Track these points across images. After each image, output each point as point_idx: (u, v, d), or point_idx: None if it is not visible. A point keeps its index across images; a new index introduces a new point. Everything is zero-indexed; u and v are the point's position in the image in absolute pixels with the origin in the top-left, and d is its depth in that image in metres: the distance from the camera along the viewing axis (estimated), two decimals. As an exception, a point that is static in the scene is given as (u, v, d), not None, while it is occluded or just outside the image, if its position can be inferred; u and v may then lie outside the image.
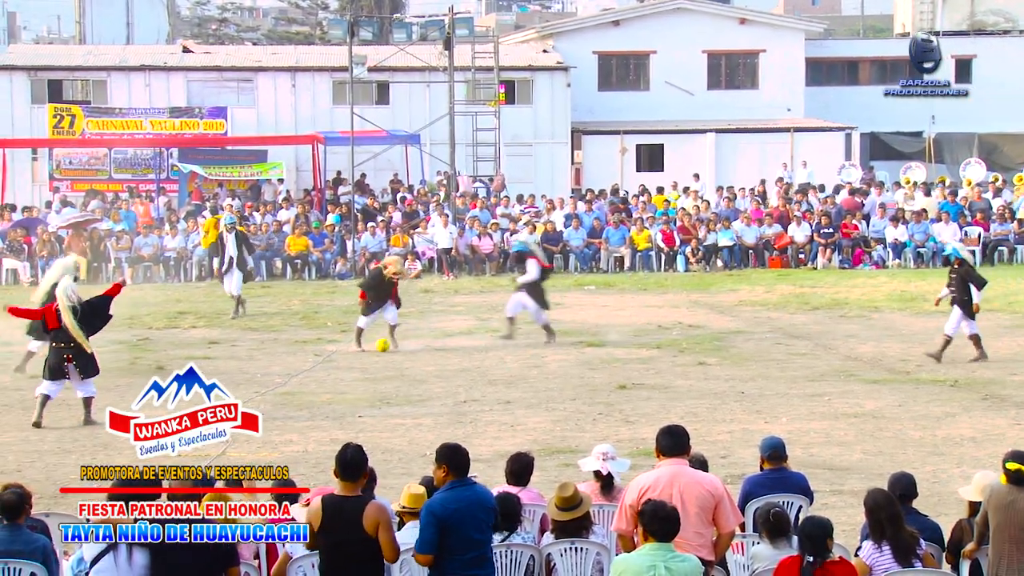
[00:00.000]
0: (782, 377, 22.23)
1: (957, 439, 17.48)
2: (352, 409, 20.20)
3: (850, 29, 76.72)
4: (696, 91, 51.57)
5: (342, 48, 45.40)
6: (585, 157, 49.67)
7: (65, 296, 19.43)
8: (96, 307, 19.88)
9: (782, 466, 11.86)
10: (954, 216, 40.12)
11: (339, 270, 38.40)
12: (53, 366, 19.48)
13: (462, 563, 9.43)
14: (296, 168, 46.80)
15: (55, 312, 19.43)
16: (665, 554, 8.78)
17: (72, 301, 19.38)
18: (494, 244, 39.26)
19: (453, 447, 9.74)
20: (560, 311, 30.50)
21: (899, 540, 9.92)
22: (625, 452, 12.32)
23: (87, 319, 19.57)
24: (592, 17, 59.22)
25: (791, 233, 39.84)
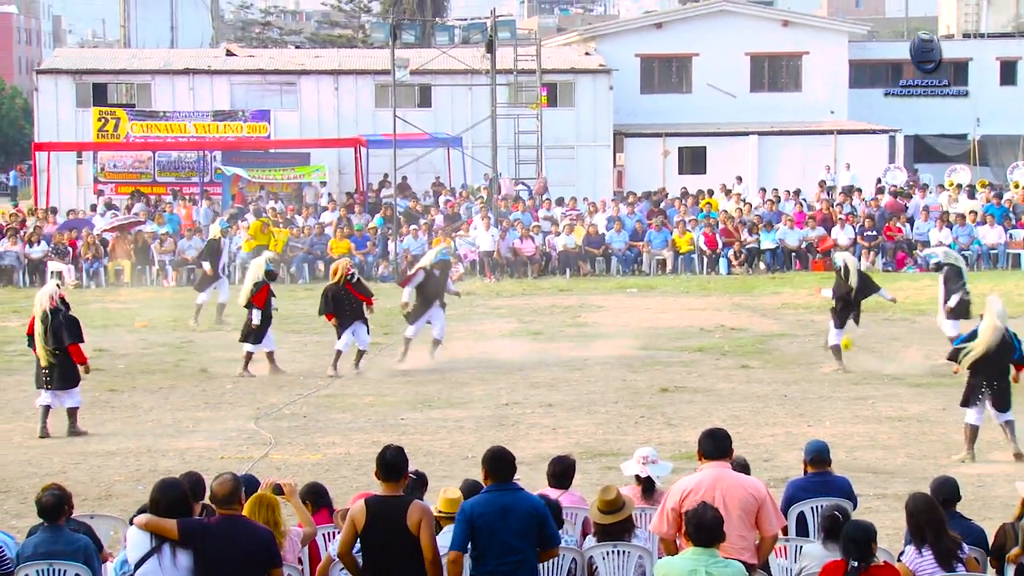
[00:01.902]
0: (825, 380, 22.22)
1: (1001, 443, 17.32)
2: (394, 411, 20.26)
3: (894, 31, 76.43)
4: (739, 93, 51.54)
5: (384, 51, 45.49)
6: (627, 160, 49.66)
7: (40, 302, 18.81)
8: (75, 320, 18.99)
9: (826, 470, 11.83)
10: (999, 219, 39.97)
11: (381, 273, 38.46)
12: (36, 375, 18.99)
13: (496, 567, 9.42)
14: (339, 171, 47.02)
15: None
16: (708, 559, 8.77)
17: (45, 307, 18.61)
18: (536, 247, 39.28)
19: (493, 452, 9.72)
20: (601, 314, 30.82)
21: (940, 545, 9.84)
22: (667, 455, 12.35)
23: (70, 326, 18.76)
24: (634, 19, 59.37)
25: (834, 236, 39.73)
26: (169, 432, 19.07)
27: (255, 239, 38.53)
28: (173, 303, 33.62)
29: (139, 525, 9.30)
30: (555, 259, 39.32)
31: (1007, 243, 39.38)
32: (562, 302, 33.11)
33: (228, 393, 21.92)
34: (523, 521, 9.45)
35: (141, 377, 23.46)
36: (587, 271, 39.01)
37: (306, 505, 11.24)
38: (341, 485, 15.16)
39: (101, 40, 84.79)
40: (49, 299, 18.63)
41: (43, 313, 18.56)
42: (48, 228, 39.80)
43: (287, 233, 39.27)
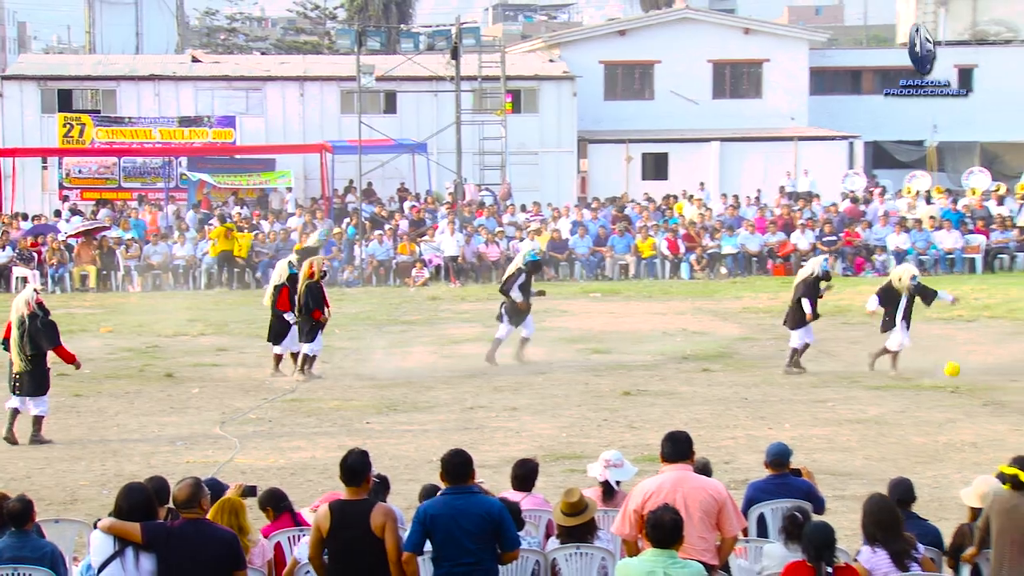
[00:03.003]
0: (786, 383, 22.43)
1: (959, 444, 17.62)
2: (360, 415, 20.30)
3: (853, 39, 76.81)
4: (701, 100, 51.79)
5: (350, 58, 45.67)
6: (591, 165, 49.90)
7: (16, 307, 18.62)
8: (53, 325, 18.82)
9: (786, 472, 11.89)
10: (956, 224, 40.50)
11: (347, 278, 38.72)
12: (8, 379, 18.85)
13: (451, 569, 9.52)
14: (304, 176, 47.18)
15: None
16: (666, 560, 8.86)
17: (22, 312, 18.42)
18: (500, 252, 39.59)
19: (449, 454, 9.83)
20: (566, 318, 30.88)
21: (895, 545, 9.97)
22: (630, 458, 12.14)
23: (47, 330, 18.59)
24: (598, 27, 59.58)
25: (794, 241, 40.19)
26: (134, 437, 19.06)
27: (219, 244, 38.86)
28: (139, 309, 33.90)
29: (103, 529, 9.34)
30: (532, 266, 39.74)
31: (963, 248, 39.91)
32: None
33: (194, 398, 21.96)
34: (477, 523, 9.52)
35: (107, 382, 23.43)
36: (551, 276, 39.20)
37: (267, 511, 11.37)
38: (307, 489, 15.22)
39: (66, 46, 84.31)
40: (26, 304, 18.50)
41: (20, 318, 18.43)
42: (14, 234, 39.85)
43: (250, 237, 39.52)
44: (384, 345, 27.30)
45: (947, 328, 27.99)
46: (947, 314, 28.76)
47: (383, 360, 25.42)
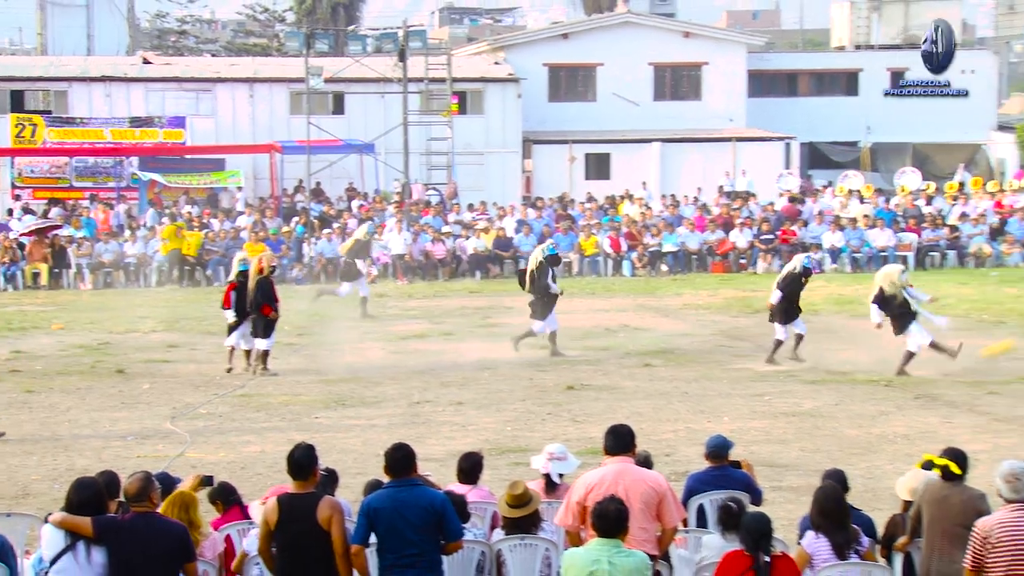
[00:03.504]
0: (724, 378, 22.84)
1: (891, 436, 17.98)
2: (308, 410, 20.46)
3: (789, 43, 77.50)
4: (642, 102, 52.17)
5: (299, 60, 45.92)
6: (535, 165, 50.24)
7: None
8: None
9: (725, 464, 12.05)
10: (888, 223, 41.23)
11: (296, 276, 39.06)
12: None
13: (396, 560, 9.63)
14: (254, 176, 47.36)
15: None
16: (611, 550, 8.97)
17: None
18: (447, 250, 40.09)
19: (391, 448, 9.94)
20: (511, 315, 30.78)
21: (840, 535, 10.18)
22: (573, 451, 12.41)
23: None
24: (542, 30, 59.47)
25: (733, 239, 40.82)
26: (86, 432, 19.10)
27: (170, 242, 39.27)
28: (91, 306, 33.91)
29: (54, 523, 9.35)
30: (465, 262, 40.18)
31: (896, 246, 40.45)
32: (472, 303, 33.60)
33: (145, 393, 22.02)
34: (420, 515, 9.62)
35: (58, 378, 23.44)
36: (496, 273, 39.69)
37: (216, 504, 11.50)
38: (256, 483, 15.30)
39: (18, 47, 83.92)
40: None
41: None
42: (-33, 232, 40.03)
43: (199, 236, 39.90)
44: (332, 341, 27.56)
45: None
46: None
47: (332, 356, 25.65)
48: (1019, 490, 9.19)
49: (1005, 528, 9.10)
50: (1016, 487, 9.19)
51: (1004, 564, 9.04)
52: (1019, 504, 9.18)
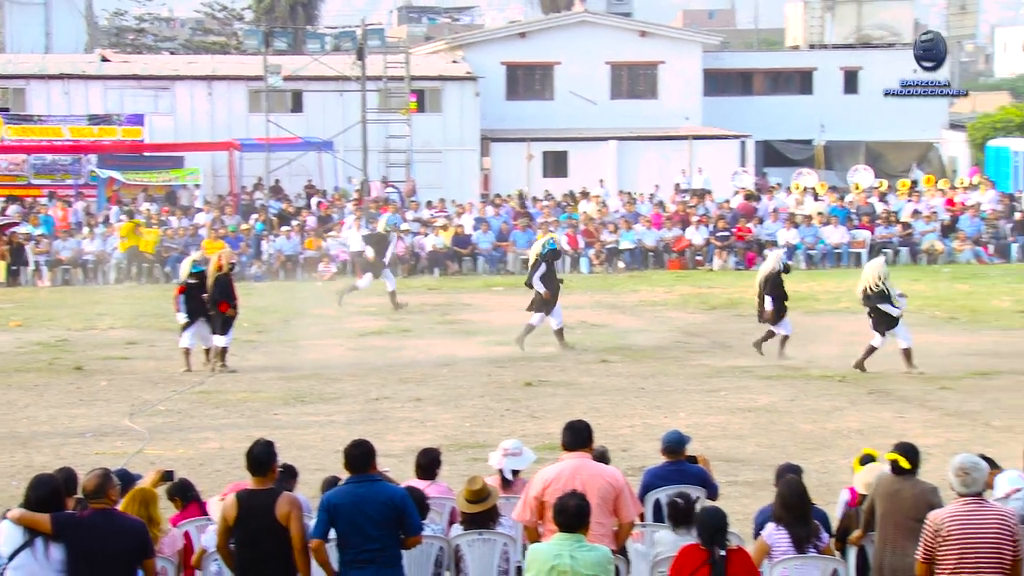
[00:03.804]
0: (681, 374, 22.90)
1: (845, 431, 18.12)
2: (268, 406, 20.50)
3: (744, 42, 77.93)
4: (599, 100, 52.34)
5: (257, 58, 45.93)
6: (493, 163, 50.33)
7: None
8: None
9: (681, 459, 12.08)
10: (842, 220, 41.61)
11: (254, 273, 39.13)
12: None
13: (356, 555, 9.66)
14: (213, 174, 47.26)
15: None
16: (573, 544, 8.99)
17: None
18: (405, 247, 40.23)
19: (350, 444, 9.97)
20: (469, 312, 31.36)
21: (800, 528, 10.29)
22: (531, 446, 12.44)
23: None
24: (500, 29, 59.65)
25: (689, 236, 41.08)
26: (44, 429, 19.08)
27: (128, 239, 39.29)
28: (48, 303, 33.88)
29: (12, 519, 9.33)
30: (424, 259, 40.39)
31: (849, 243, 40.89)
32: (431, 300, 33.67)
33: (103, 390, 22.01)
34: (380, 510, 9.65)
35: (16, 375, 23.40)
36: (455, 270, 39.88)
37: (175, 501, 11.48)
38: (215, 479, 15.30)
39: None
40: None
41: None
42: (-75, 230, 39.91)
43: (156, 233, 39.93)
44: (291, 338, 27.65)
45: (832, 319, 28.77)
46: (834, 306, 29.79)
47: (290, 353, 25.74)
48: (969, 484, 9.27)
49: (956, 521, 9.22)
50: (966, 481, 9.28)
51: (955, 556, 9.18)
52: (970, 498, 9.27)
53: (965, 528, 9.21)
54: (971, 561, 9.16)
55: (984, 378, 22.07)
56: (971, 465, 9.36)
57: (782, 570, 10.28)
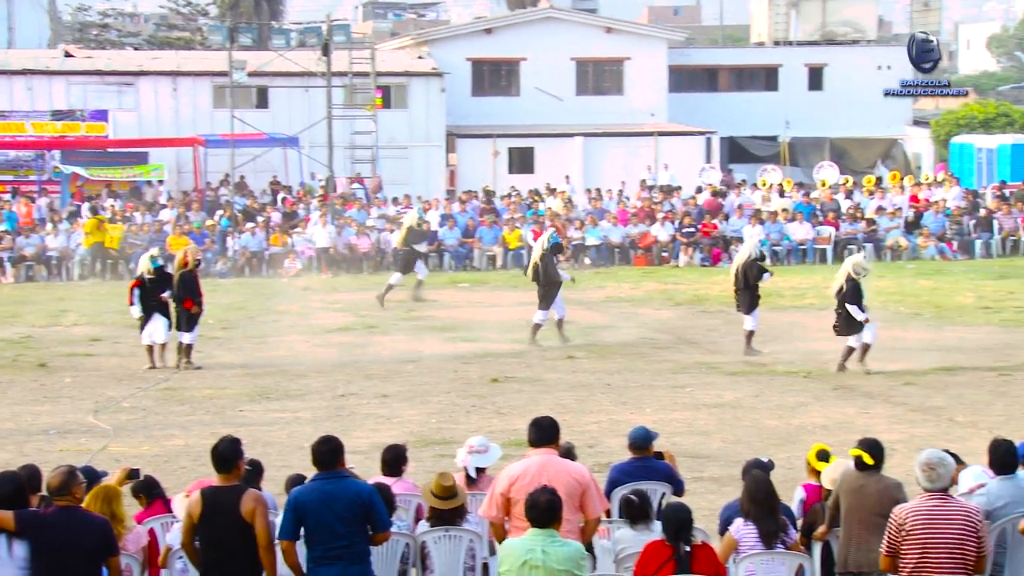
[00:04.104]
0: (647, 369, 22.94)
1: (810, 427, 18.13)
2: (233, 403, 20.48)
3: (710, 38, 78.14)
4: (565, 96, 52.48)
5: (222, 53, 45.92)
6: (459, 160, 50.40)
7: None
8: None
9: (648, 455, 12.10)
10: (807, 216, 41.71)
11: (219, 269, 39.02)
12: None
13: (324, 552, 9.61)
14: (177, 170, 47.19)
15: None
16: (545, 539, 9.00)
17: None
18: (371, 243, 40.12)
19: (318, 441, 9.93)
20: (435, 308, 31.26)
21: (767, 523, 10.33)
22: (497, 443, 12.41)
23: None
24: (465, 25, 59.78)
25: (655, 232, 41.11)
26: (7, 426, 19.01)
27: (92, 235, 39.13)
28: (12, 300, 33.78)
29: None
30: (390, 255, 40.38)
31: (815, 239, 41.01)
32: (396, 296, 33.04)
33: (67, 387, 21.96)
34: (348, 507, 9.61)
35: None
36: (421, 266, 40.17)
37: (140, 498, 11.47)
38: (180, 476, 15.29)
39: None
40: None
41: None
42: None
43: (120, 228, 39.80)
44: (257, 335, 27.62)
45: (798, 315, 28.87)
46: (799, 302, 29.92)
47: (256, 349, 25.71)
48: (935, 479, 9.32)
49: (919, 515, 9.27)
50: (931, 476, 9.32)
51: (918, 551, 9.22)
52: (935, 493, 9.31)
53: (929, 523, 9.25)
54: (934, 556, 9.21)
55: (948, 374, 22.16)
56: (937, 461, 9.39)
57: (748, 565, 10.31)
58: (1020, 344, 25.04)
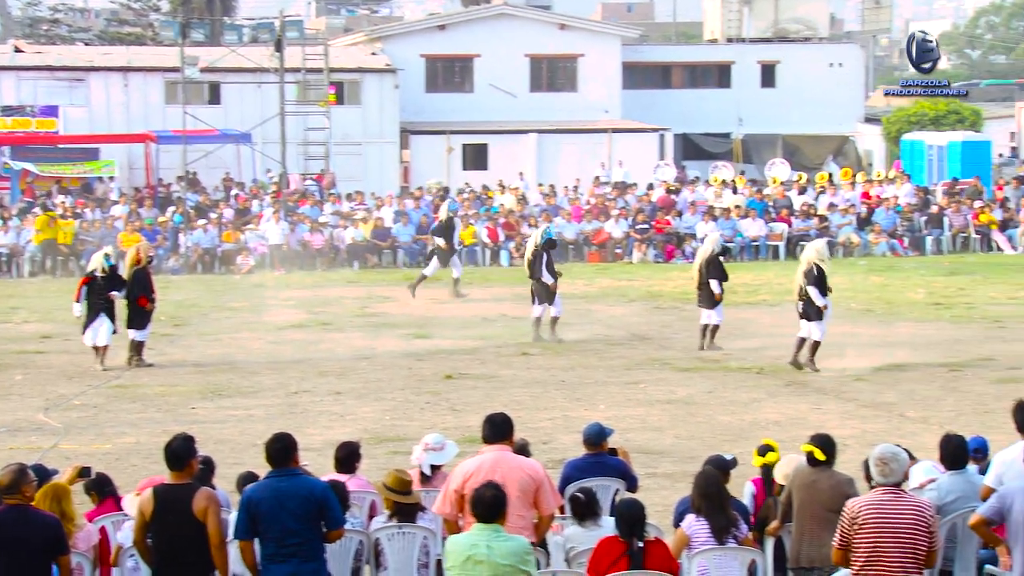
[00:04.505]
0: (601, 366, 23.05)
1: (763, 423, 18.24)
2: (185, 401, 20.43)
3: (663, 35, 78.44)
4: (519, 93, 52.58)
5: (174, 49, 45.56)
6: (413, 156, 50.39)
7: None
8: None
9: (601, 451, 12.09)
10: (760, 213, 41.95)
11: (172, 266, 38.85)
12: None
13: (278, 549, 9.59)
14: (129, 166, 46.98)
15: None
16: (490, 534, 9.04)
17: None
18: (324, 240, 40.09)
19: (271, 439, 9.90)
20: (388, 304, 31.26)
21: (719, 519, 10.34)
22: (452, 439, 12.39)
23: None
24: (419, 21, 59.88)
25: (609, 229, 41.21)
26: None
27: (43, 232, 38.89)
28: None
29: None
30: (343, 252, 40.35)
31: (767, 236, 41.24)
32: (350, 293, 33.58)
33: (17, 385, 21.86)
34: (302, 505, 9.59)
35: None
36: (374, 263, 39.76)
37: (91, 495, 11.43)
38: (131, 474, 15.17)
39: None
40: None
41: None
42: None
43: (72, 225, 39.58)
44: (209, 332, 27.54)
45: (752, 312, 28.96)
46: (752, 298, 30.04)
47: (208, 346, 25.63)
48: (887, 474, 9.37)
49: (872, 509, 9.31)
50: (884, 471, 9.38)
51: (869, 544, 9.27)
52: (888, 487, 9.37)
53: (881, 517, 9.30)
54: (886, 550, 9.25)
55: (899, 370, 22.32)
56: (891, 456, 9.44)
57: (701, 561, 10.34)
58: (970, 340, 25.27)
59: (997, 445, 12.13)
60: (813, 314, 21.85)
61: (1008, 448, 10.74)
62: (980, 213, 42.36)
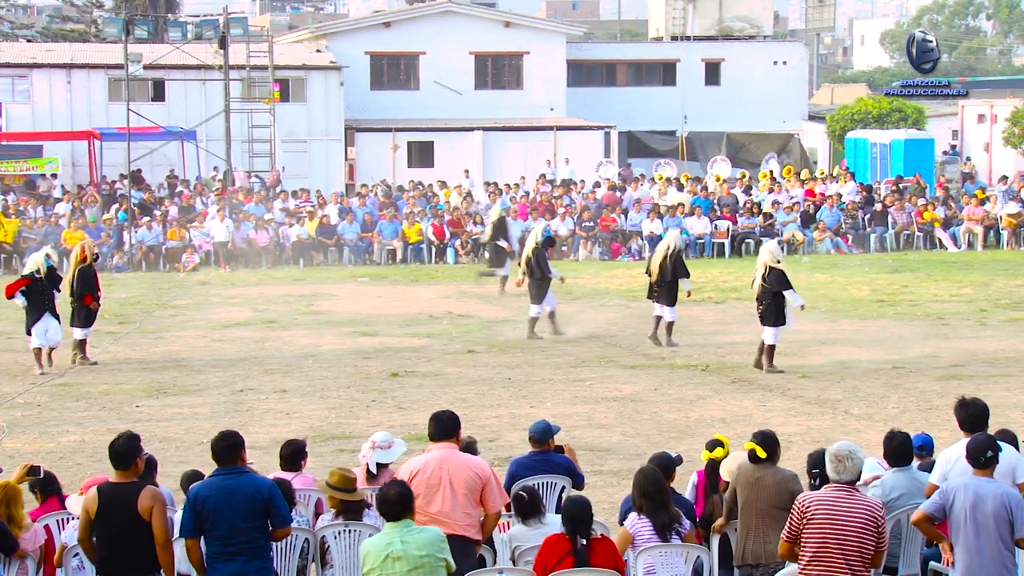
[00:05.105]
0: (547, 363, 23.02)
1: (709, 420, 18.24)
2: (129, 399, 20.32)
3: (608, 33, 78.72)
4: (464, 91, 52.69)
5: (117, 46, 45.28)
6: (358, 153, 50.36)
7: None
8: None
9: (548, 448, 12.12)
10: (705, 210, 42.11)
11: (116, 263, 38.61)
12: None
13: (224, 547, 9.58)
14: (72, 163, 46.76)
15: None
16: (402, 530, 9.18)
17: None
18: (269, 237, 39.96)
19: (217, 436, 9.90)
20: (334, 302, 31.14)
21: (659, 516, 10.38)
22: (399, 437, 12.42)
23: None
24: (364, 18, 59.58)
25: (555, 227, 41.20)
26: None
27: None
28: None
29: None
30: (289, 249, 40.26)
31: (712, 233, 41.36)
32: (296, 291, 33.44)
33: None
34: (248, 502, 9.58)
35: None
36: (320, 261, 39.63)
37: (36, 494, 11.35)
38: (76, 472, 15.21)
39: None
40: None
41: None
42: None
43: (16, 223, 39.25)
44: (153, 330, 27.37)
45: (697, 309, 28.91)
46: (696, 296, 30.09)
47: (152, 344, 25.47)
48: (840, 471, 9.43)
49: (822, 505, 9.38)
50: (838, 468, 9.44)
51: (818, 540, 9.33)
52: (841, 485, 9.43)
53: (832, 514, 9.36)
54: (834, 546, 9.31)
55: (843, 367, 22.44)
56: (846, 454, 9.50)
57: (646, 558, 10.37)
58: (914, 337, 25.40)
59: (941, 442, 12.32)
60: (769, 319, 21.85)
61: (952, 445, 10.80)
62: (923, 211, 42.67)
